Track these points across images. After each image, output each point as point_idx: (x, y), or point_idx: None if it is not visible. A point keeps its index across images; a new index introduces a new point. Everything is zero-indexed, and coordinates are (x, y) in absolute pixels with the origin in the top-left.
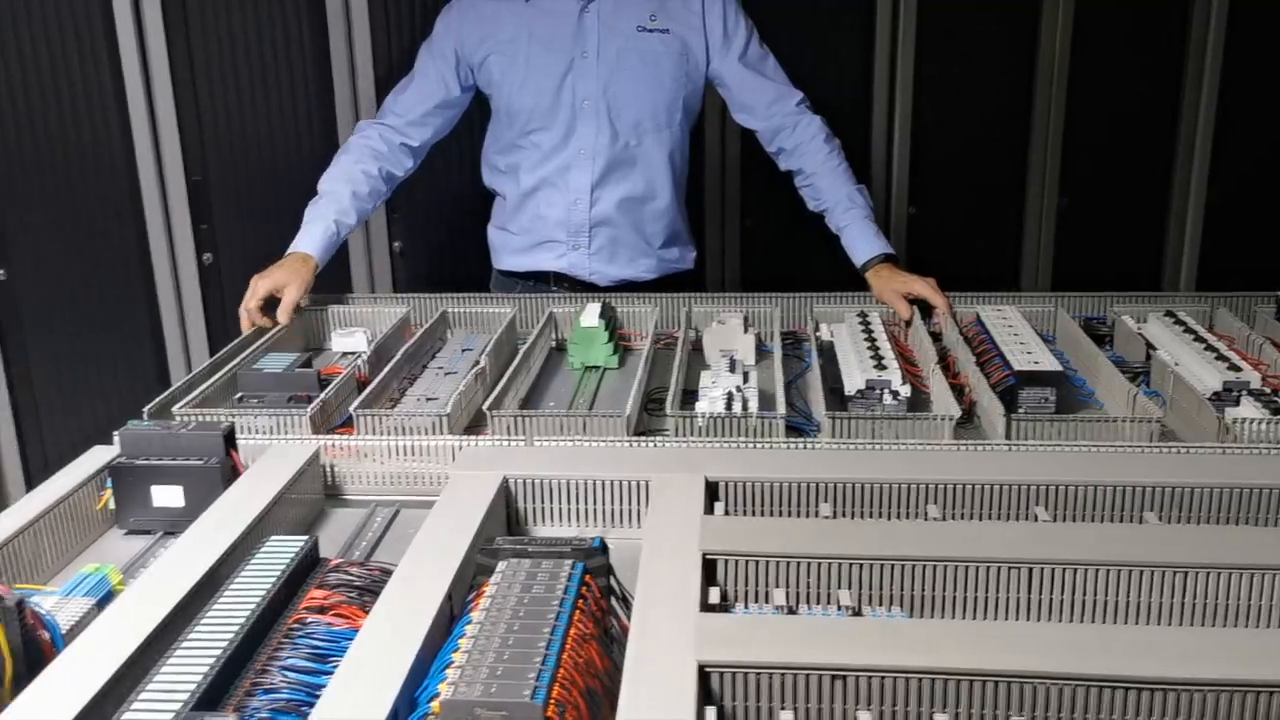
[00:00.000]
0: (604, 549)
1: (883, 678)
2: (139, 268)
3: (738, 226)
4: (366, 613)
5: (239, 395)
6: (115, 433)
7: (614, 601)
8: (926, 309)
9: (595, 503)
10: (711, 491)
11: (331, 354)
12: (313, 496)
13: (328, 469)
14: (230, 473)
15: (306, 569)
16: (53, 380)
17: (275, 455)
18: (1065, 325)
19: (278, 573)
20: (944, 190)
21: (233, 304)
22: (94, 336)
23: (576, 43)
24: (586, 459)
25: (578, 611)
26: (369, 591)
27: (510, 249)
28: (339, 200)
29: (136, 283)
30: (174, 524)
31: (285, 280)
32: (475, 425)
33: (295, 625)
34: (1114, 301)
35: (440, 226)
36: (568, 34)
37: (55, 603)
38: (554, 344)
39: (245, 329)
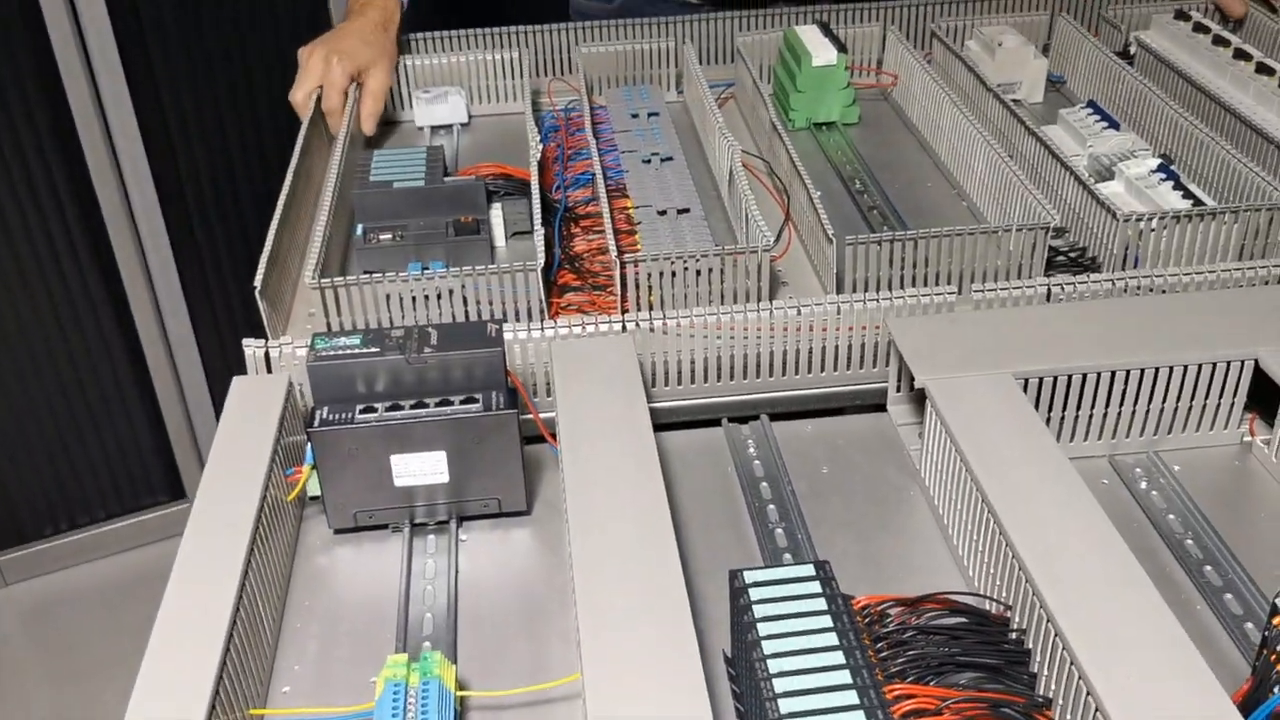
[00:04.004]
0: None
1: None
2: (21, 16)
3: None
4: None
5: (360, 229)
6: (265, 349)
7: None
8: None
9: (1152, 402)
10: None
11: (407, 128)
12: None
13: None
14: (522, 411)
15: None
16: None
17: (575, 363)
18: None
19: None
20: None
21: (161, 52)
22: None
23: None
24: (1123, 328)
25: None
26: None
27: None
28: None
29: (20, 39)
30: (430, 509)
31: (367, 60)
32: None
33: None
34: None
35: None
36: None
37: None
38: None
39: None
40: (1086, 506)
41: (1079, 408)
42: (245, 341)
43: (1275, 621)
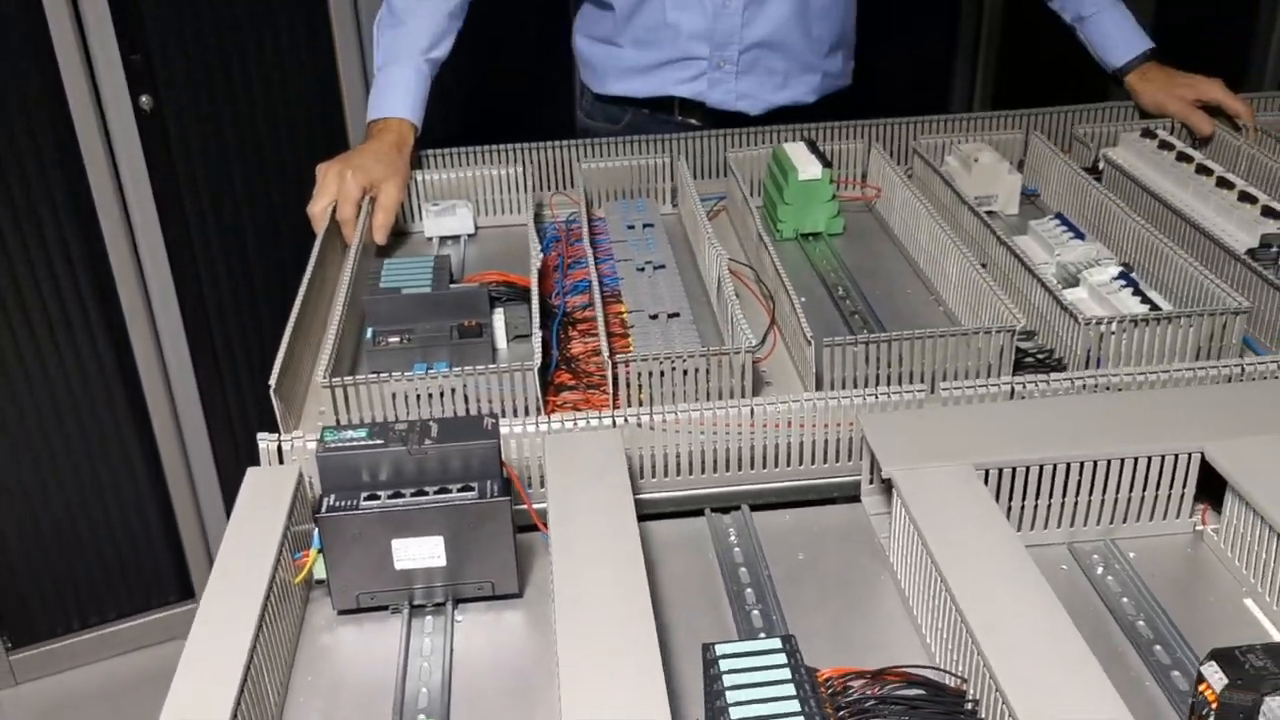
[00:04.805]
0: None
1: None
2: (50, 123)
3: None
4: None
5: (370, 333)
6: (278, 443)
7: None
8: None
9: (1107, 492)
10: None
11: (417, 239)
12: None
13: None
14: (516, 500)
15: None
16: None
17: (568, 456)
18: None
19: None
20: None
21: (186, 167)
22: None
23: None
24: (1081, 422)
25: None
26: None
27: (619, 68)
28: (427, 23)
29: (49, 144)
30: (429, 591)
31: (380, 176)
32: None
33: None
34: None
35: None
36: None
37: None
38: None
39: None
40: (1038, 588)
41: (1038, 497)
42: (259, 436)
43: (1201, 688)
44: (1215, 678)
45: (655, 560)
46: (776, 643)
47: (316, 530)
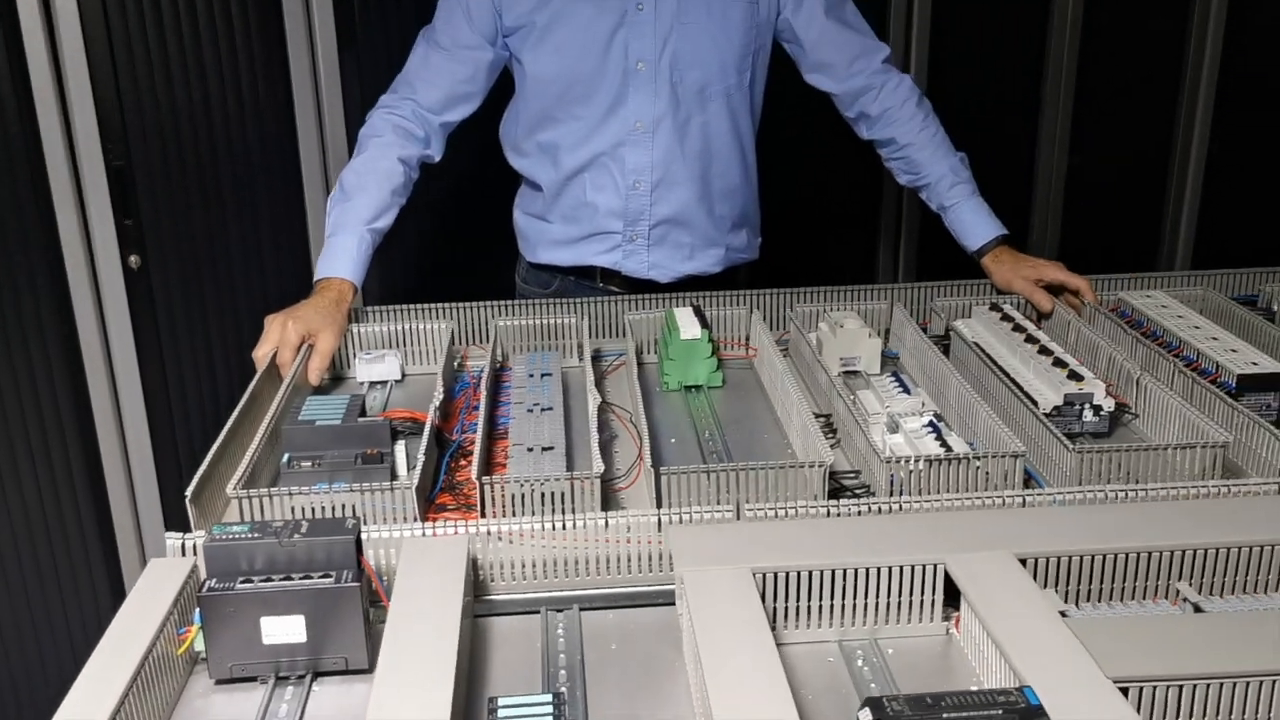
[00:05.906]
0: (1041, 707)
1: None
2: (48, 274)
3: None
4: None
5: (286, 458)
6: (182, 540)
7: None
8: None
9: (869, 597)
10: None
11: (352, 383)
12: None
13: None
14: (369, 589)
15: None
16: None
17: (417, 556)
18: (1221, 307)
19: None
20: None
21: (167, 318)
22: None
23: None
24: (851, 538)
25: None
26: None
27: (548, 240)
28: (372, 199)
29: (46, 293)
30: (292, 664)
31: (318, 326)
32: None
33: None
34: (1265, 279)
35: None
36: None
37: None
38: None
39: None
40: (771, 665)
41: (810, 599)
42: (167, 534)
43: None
44: None
45: (491, 648)
46: (548, 698)
47: (199, 608)
